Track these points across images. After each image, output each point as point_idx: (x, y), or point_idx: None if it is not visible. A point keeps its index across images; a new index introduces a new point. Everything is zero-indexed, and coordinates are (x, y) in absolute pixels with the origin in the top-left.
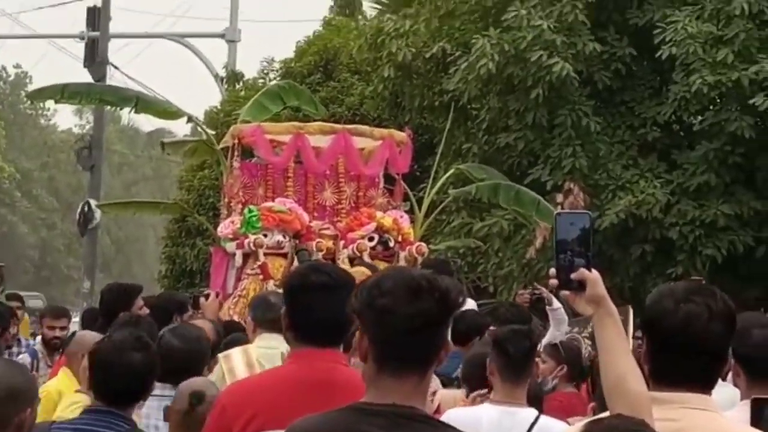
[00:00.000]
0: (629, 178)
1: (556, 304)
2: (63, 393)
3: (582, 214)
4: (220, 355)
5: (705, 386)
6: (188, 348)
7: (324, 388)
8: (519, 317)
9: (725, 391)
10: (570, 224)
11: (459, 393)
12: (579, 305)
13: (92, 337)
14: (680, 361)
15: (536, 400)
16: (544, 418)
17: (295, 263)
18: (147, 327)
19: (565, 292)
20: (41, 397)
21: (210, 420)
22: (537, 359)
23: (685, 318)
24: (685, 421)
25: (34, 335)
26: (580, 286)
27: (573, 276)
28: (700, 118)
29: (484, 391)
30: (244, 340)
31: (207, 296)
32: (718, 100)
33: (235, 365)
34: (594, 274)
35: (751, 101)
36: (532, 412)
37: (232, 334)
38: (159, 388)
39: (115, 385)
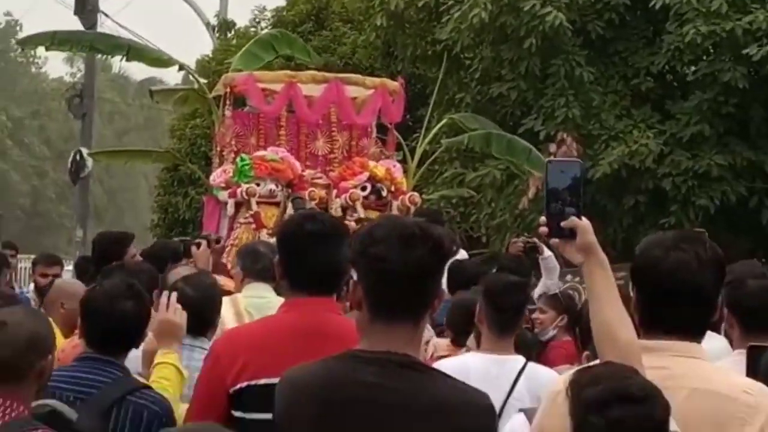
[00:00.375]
0: (622, 128)
1: (547, 252)
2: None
3: (573, 162)
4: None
5: (695, 334)
6: (203, 296)
7: (318, 337)
8: (519, 269)
9: (715, 342)
10: (561, 172)
11: (445, 341)
12: (569, 253)
13: (71, 285)
14: (669, 309)
15: (531, 349)
16: (531, 365)
17: (288, 212)
18: (147, 274)
19: (555, 240)
20: None
21: (203, 369)
22: (536, 310)
23: (674, 265)
24: (674, 368)
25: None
26: (571, 234)
27: (563, 224)
28: (693, 68)
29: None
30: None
31: (198, 245)
32: (712, 50)
33: (224, 314)
34: (584, 222)
35: (744, 51)
36: (520, 360)
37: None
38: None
39: (107, 333)
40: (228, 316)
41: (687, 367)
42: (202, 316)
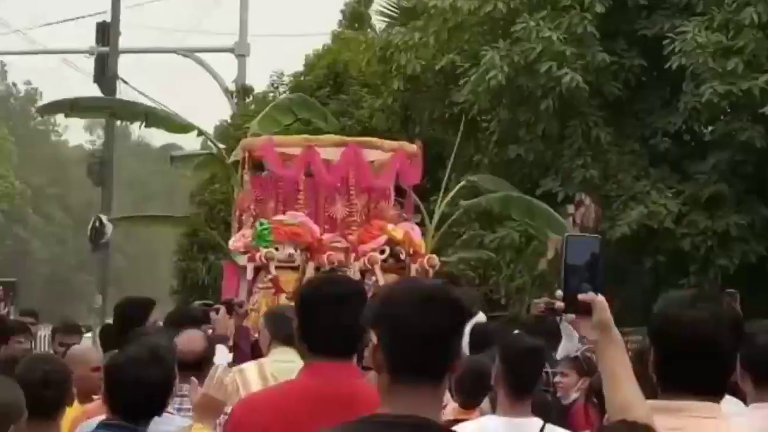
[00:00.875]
0: (640, 188)
1: (569, 316)
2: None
3: (592, 239)
4: (234, 369)
5: (713, 393)
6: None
7: (338, 401)
8: (541, 332)
9: (732, 405)
10: (580, 248)
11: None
12: (584, 330)
13: (80, 352)
14: (687, 368)
15: (549, 412)
16: (549, 427)
17: (307, 276)
18: (166, 339)
19: (570, 316)
20: None
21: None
22: (558, 374)
23: (692, 324)
24: (690, 429)
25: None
26: (586, 310)
27: (580, 297)
28: (710, 128)
29: None
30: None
31: (217, 310)
32: (729, 110)
33: (250, 378)
34: (600, 299)
35: (761, 110)
36: (537, 423)
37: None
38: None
39: (130, 400)
40: (254, 380)
41: (703, 427)
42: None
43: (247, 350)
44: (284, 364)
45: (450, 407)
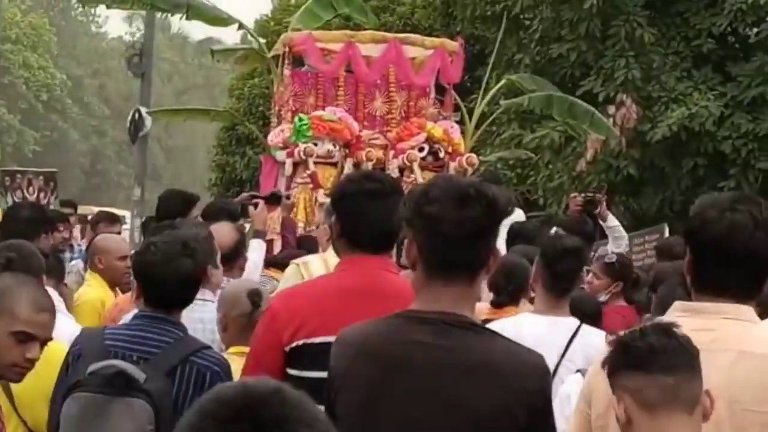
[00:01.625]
0: (683, 90)
1: (613, 221)
2: (104, 300)
3: None
4: (297, 261)
5: (746, 296)
6: None
7: (373, 296)
8: (581, 231)
9: None
10: None
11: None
12: None
13: (105, 241)
14: (722, 271)
15: (586, 312)
16: (585, 328)
17: (346, 172)
18: (197, 230)
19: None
20: (83, 306)
21: (260, 326)
22: (589, 272)
23: (730, 226)
24: (721, 330)
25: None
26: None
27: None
28: (756, 29)
29: None
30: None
31: (256, 205)
32: None
33: (314, 271)
34: None
35: None
36: (574, 322)
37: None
38: None
39: (164, 292)
40: (318, 273)
41: (735, 329)
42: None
43: (293, 242)
44: None
45: (483, 306)
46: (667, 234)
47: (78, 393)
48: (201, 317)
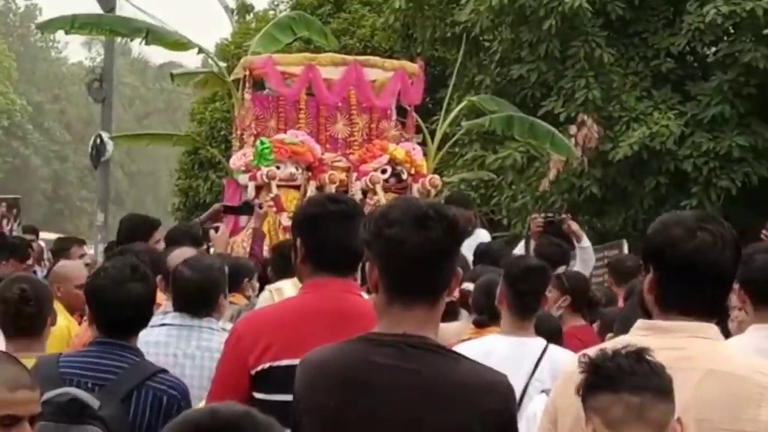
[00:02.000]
0: (643, 109)
1: (586, 242)
2: (70, 327)
3: None
4: (271, 287)
5: (711, 314)
6: (201, 278)
7: (338, 318)
8: (553, 256)
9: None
10: None
11: (458, 324)
12: None
13: (63, 268)
14: (689, 289)
15: (556, 333)
16: (552, 347)
17: (308, 195)
18: (150, 257)
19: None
20: (52, 334)
21: (225, 349)
22: None
23: (699, 245)
24: (692, 349)
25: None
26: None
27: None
28: (714, 48)
29: None
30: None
31: (216, 229)
32: (732, 31)
33: (287, 295)
34: None
35: (765, 31)
36: (541, 342)
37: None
38: (179, 318)
39: (117, 317)
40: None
41: (703, 347)
42: (203, 297)
43: (259, 254)
44: None
45: (465, 326)
46: (626, 250)
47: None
48: (209, 346)
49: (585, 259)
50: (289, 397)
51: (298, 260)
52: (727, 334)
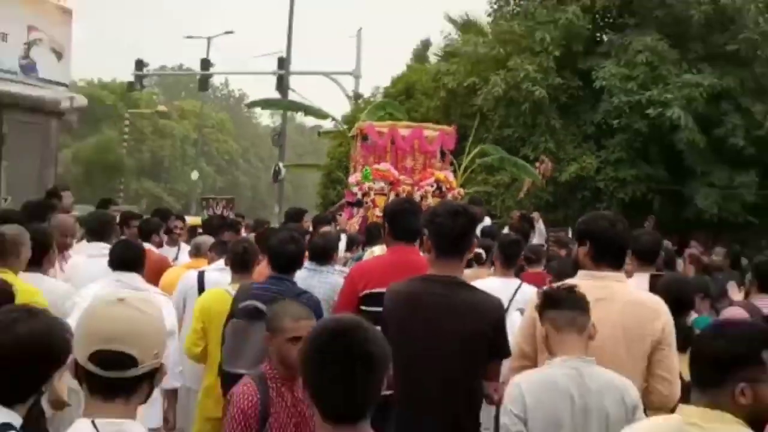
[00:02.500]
0: (577, 154)
1: (541, 225)
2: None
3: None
4: (369, 249)
5: (619, 268)
6: (324, 243)
7: (406, 266)
8: (521, 230)
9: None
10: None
11: (473, 270)
12: None
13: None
14: (610, 254)
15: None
16: (523, 285)
17: (390, 199)
18: (299, 231)
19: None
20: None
21: (345, 282)
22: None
23: (617, 230)
24: (613, 288)
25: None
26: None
27: None
28: (617, 120)
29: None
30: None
31: (340, 215)
32: (628, 111)
33: (377, 254)
34: None
35: (646, 111)
36: (517, 281)
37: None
38: (312, 265)
39: (281, 263)
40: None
41: (619, 287)
42: (325, 254)
43: (364, 229)
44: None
45: (476, 271)
46: (570, 234)
47: (233, 320)
48: (327, 280)
49: (541, 234)
50: (380, 309)
51: (386, 234)
52: None
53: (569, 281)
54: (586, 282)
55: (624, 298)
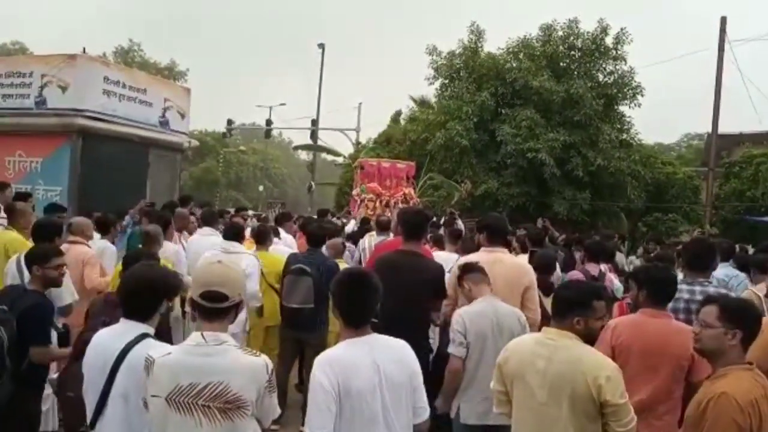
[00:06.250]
0: (486, 179)
1: (460, 223)
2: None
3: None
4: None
5: (506, 245)
6: (333, 228)
7: (391, 246)
8: (453, 224)
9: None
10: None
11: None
12: None
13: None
14: (498, 237)
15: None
16: (465, 257)
17: (377, 205)
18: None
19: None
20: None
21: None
22: None
23: (502, 224)
24: (501, 257)
25: None
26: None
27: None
28: (509, 160)
29: None
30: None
31: (350, 212)
32: (515, 154)
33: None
34: None
35: (526, 155)
36: (456, 256)
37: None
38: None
39: (316, 240)
40: (372, 243)
41: (504, 256)
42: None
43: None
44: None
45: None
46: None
47: (288, 275)
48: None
49: (460, 227)
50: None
51: (397, 228)
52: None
53: (474, 255)
54: (486, 255)
55: (508, 262)
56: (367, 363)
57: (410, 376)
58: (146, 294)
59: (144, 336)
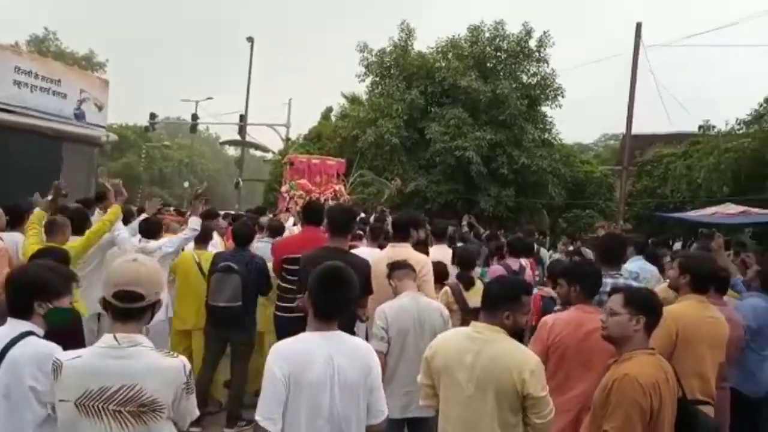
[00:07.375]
0: (415, 177)
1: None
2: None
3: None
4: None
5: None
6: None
7: (314, 240)
8: (381, 221)
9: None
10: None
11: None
12: None
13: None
14: (401, 233)
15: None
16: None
17: (306, 200)
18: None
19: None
20: None
21: (272, 252)
22: None
23: (405, 217)
24: (400, 250)
25: None
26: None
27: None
28: (438, 158)
29: None
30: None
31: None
32: (443, 152)
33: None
34: None
35: (454, 153)
36: (378, 250)
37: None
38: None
39: (244, 239)
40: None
41: (408, 251)
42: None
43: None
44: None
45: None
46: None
47: (215, 273)
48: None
49: (389, 223)
50: (296, 267)
51: (323, 225)
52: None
53: (383, 251)
54: (391, 250)
55: (406, 256)
56: (321, 356)
57: (366, 376)
58: (19, 293)
59: (27, 334)
